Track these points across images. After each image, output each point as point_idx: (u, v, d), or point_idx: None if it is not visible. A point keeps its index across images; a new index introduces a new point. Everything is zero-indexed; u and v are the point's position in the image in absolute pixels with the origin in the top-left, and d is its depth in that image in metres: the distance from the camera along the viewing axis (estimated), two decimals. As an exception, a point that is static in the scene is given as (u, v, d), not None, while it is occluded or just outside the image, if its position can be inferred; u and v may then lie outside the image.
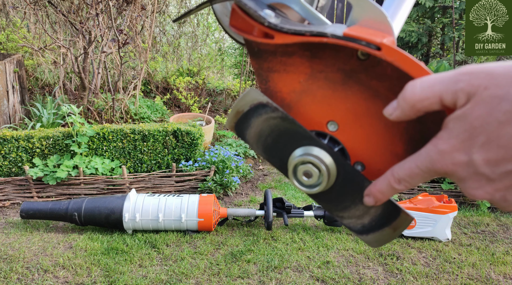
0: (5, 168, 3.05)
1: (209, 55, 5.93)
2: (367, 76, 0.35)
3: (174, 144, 3.26)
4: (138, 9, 4.08)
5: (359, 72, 0.35)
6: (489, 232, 2.85)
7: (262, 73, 0.39)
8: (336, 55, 0.35)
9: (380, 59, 0.33)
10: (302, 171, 0.38)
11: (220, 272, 2.27)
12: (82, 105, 4.04)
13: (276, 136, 0.39)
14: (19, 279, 2.17)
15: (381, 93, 0.35)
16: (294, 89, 0.38)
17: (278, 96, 0.39)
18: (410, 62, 0.32)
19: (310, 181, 0.38)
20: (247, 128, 0.40)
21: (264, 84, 0.39)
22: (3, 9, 5.24)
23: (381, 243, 0.40)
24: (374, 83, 0.35)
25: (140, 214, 2.56)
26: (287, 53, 0.37)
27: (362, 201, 0.38)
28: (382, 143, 0.37)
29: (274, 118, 0.38)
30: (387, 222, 0.38)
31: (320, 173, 0.37)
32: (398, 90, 0.33)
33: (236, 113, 0.40)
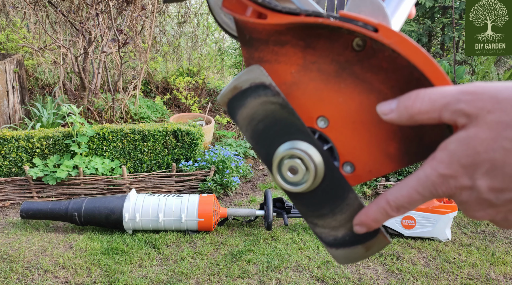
0: (5, 168, 3.05)
1: (209, 55, 5.93)
2: (362, 68, 0.33)
3: (174, 144, 3.26)
4: (138, 9, 4.09)
5: (353, 64, 0.33)
6: (489, 232, 2.85)
7: (252, 63, 0.37)
8: (330, 45, 0.33)
9: (375, 50, 0.32)
10: (288, 166, 0.35)
11: (220, 272, 2.27)
12: (82, 105, 4.04)
13: (269, 123, 0.37)
14: (19, 279, 2.17)
15: (375, 87, 0.33)
16: (285, 80, 0.36)
17: None
18: (409, 45, 0.30)
19: (294, 178, 0.36)
20: (241, 107, 0.37)
21: None
22: (3, 9, 5.24)
23: (349, 260, 0.38)
24: (368, 76, 0.33)
25: (140, 214, 2.56)
26: (280, 43, 0.35)
27: (341, 212, 0.36)
28: (374, 142, 0.35)
29: (272, 103, 0.36)
30: (362, 240, 0.36)
31: (307, 171, 0.35)
32: (393, 84, 0.32)
33: (234, 88, 0.37)
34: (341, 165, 0.37)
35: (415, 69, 0.31)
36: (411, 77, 0.31)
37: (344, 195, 0.36)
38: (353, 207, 0.36)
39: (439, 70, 0.30)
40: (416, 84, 0.31)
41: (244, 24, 0.36)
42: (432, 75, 0.31)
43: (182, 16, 5.91)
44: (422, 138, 0.33)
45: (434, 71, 0.30)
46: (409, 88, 0.32)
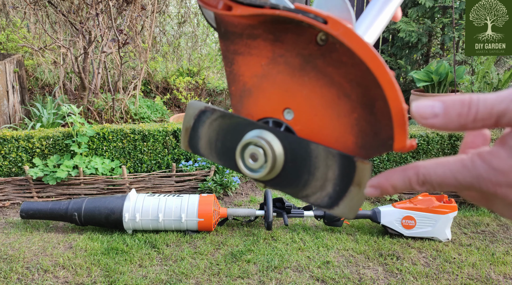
0: (5, 168, 3.05)
1: (209, 55, 5.93)
2: (324, 62, 0.34)
3: (174, 144, 3.26)
4: (138, 9, 4.08)
5: (316, 58, 0.35)
6: (489, 232, 2.85)
7: (228, 55, 0.39)
8: (297, 39, 0.35)
9: (336, 44, 0.33)
10: (248, 154, 0.37)
11: (220, 272, 2.27)
12: (82, 105, 4.04)
13: (222, 137, 0.40)
14: (19, 279, 2.17)
15: (336, 81, 0.34)
16: (256, 73, 0.38)
17: (240, 80, 0.40)
18: (354, 37, 0.31)
19: (257, 164, 0.37)
20: (198, 141, 0.41)
21: (229, 67, 0.40)
22: (3, 9, 5.24)
23: (354, 209, 0.37)
24: (330, 69, 0.34)
25: (140, 214, 2.56)
26: (252, 36, 0.37)
27: (317, 169, 0.36)
28: (334, 135, 0.36)
29: (215, 120, 0.39)
30: (349, 180, 0.36)
31: (264, 152, 0.36)
32: (351, 78, 0.33)
33: (185, 130, 0.41)
34: None
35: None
36: (368, 72, 0.32)
37: (308, 151, 0.36)
38: (322, 155, 0.36)
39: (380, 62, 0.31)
40: (372, 78, 0.32)
41: (220, 17, 0.38)
42: (374, 67, 0.31)
43: (182, 16, 5.91)
44: (378, 133, 0.33)
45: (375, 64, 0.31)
46: (366, 82, 0.33)
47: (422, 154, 3.33)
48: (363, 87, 0.33)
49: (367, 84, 0.33)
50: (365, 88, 0.33)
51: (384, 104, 0.32)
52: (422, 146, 3.27)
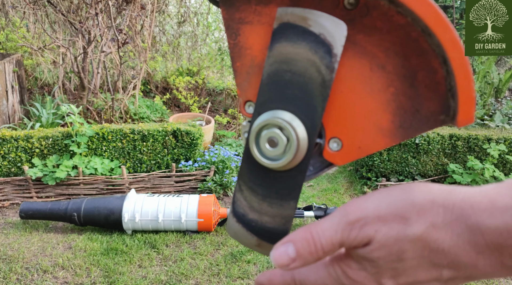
0: (4, 168, 3.04)
1: (209, 54, 5.93)
2: (353, 29, 0.30)
3: (173, 144, 3.25)
4: (137, 9, 4.08)
5: None
6: (489, 232, 2.85)
7: (232, 25, 0.33)
8: (320, 3, 0.31)
9: (369, 7, 0.29)
10: (267, 137, 0.32)
11: (220, 272, 2.27)
12: (82, 105, 4.04)
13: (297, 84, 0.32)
14: (18, 280, 2.17)
15: (367, 50, 0.30)
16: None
17: (248, 54, 0.34)
18: None
19: (273, 152, 0.32)
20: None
21: (233, 39, 0.34)
22: (3, 8, 5.23)
23: (236, 237, 0.36)
24: (360, 37, 0.30)
25: (139, 214, 2.55)
26: (264, 1, 0.32)
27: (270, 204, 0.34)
28: (365, 114, 0.31)
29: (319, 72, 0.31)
30: (262, 237, 0.35)
31: (288, 143, 0.31)
32: (388, 46, 0.29)
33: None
34: (327, 141, 0.33)
35: (412, 27, 0.28)
36: (408, 38, 0.29)
37: (287, 196, 0.33)
38: (282, 211, 0.34)
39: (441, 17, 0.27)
40: (413, 45, 0.29)
41: None
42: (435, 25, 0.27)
43: (182, 15, 5.90)
44: (420, 109, 0.30)
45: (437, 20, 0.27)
46: (405, 50, 0.29)
47: (423, 154, 3.32)
48: (402, 56, 0.29)
49: (406, 53, 0.29)
50: (404, 58, 0.29)
51: (429, 75, 0.28)
52: (423, 146, 3.27)
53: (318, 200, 3.28)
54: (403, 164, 3.38)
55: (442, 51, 0.27)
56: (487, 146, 3.18)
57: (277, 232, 0.34)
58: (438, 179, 3.37)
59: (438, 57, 0.28)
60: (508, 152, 3.23)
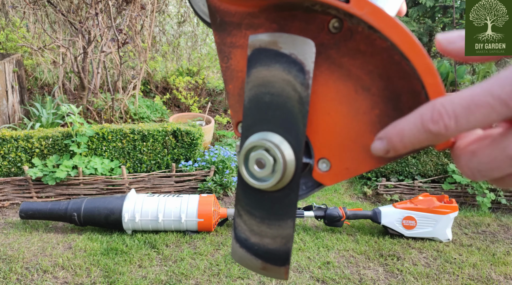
0: (4, 168, 3.04)
1: (209, 54, 5.92)
2: (338, 52, 0.31)
3: (173, 144, 3.25)
4: (137, 9, 4.08)
5: (329, 48, 0.31)
6: (489, 233, 2.84)
7: (224, 49, 0.35)
8: (305, 27, 0.31)
9: (353, 31, 0.30)
10: (255, 158, 0.33)
11: (220, 272, 2.27)
12: (82, 105, 4.03)
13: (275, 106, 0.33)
14: (18, 280, 2.17)
15: (352, 73, 0.31)
16: None
17: (239, 76, 0.35)
18: (383, 16, 0.27)
19: (262, 173, 0.33)
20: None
21: (225, 62, 0.35)
22: (3, 8, 5.23)
23: (241, 262, 0.36)
24: (345, 60, 0.31)
25: (139, 214, 2.55)
26: (253, 26, 0.33)
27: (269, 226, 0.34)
28: (352, 135, 0.32)
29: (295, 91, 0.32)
30: (266, 259, 0.35)
31: (275, 163, 0.32)
32: (371, 69, 0.30)
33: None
34: (316, 162, 0.34)
35: (394, 51, 0.28)
36: (391, 61, 0.29)
37: (284, 216, 0.34)
38: (281, 231, 0.34)
39: (415, 43, 0.28)
40: (395, 68, 0.29)
41: (214, 6, 0.34)
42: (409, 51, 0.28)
43: (182, 15, 5.90)
44: None
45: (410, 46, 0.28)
46: (389, 73, 0.29)
47: (423, 154, 3.32)
48: (385, 79, 0.30)
49: (390, 75, 0.29)
50: (387, 80, 0.30)
51: (413, 98, 0.29)
52: (423, 146, 3.27)
53: (318, 200, 3.28)
54: (403, 164, 3.38)
55: (419, 75, 0.28)
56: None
57: (280, 253, 0.35)
58: (438, 179, 3.37)
59: (419, 80, 0.28)
60: (508, 152, 3.22)
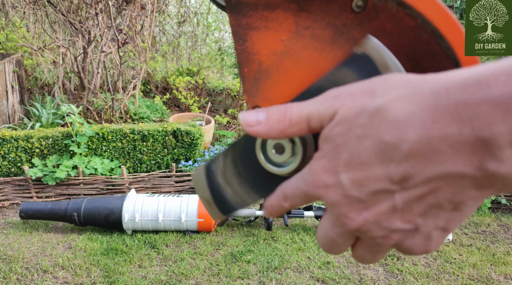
0: (4, 168, 3.04)
1: (209, 54, 5.93)
2: (362, 32, 0.29)
3: (173, 144, 3.25)
4: (137, 9, 4.08)
5: (352, 28, 0.30)
6: (489, 233, 2.84)
7: (239, 31, 0.33)
8: (327, 7, 0.30)
9: (378, 10, 0.29)
10: (271, 147, 0.32)
11: (220, 272, 2.27)
12: (82, 105, 4.03)
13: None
14: (18, 280, 2.17)
15: None
16: (275, 50, 0.33)
17: (255, 59, 0.34)
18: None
19: (284, 156, 0.32)
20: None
21: (240, 45, 0.34)
22: (3, 8, 5.23)
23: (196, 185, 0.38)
24: None
25: (139, 214, 2.55)
26: (270, 6, 0.32)
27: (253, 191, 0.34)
28: None
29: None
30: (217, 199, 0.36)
31: (294, 146, 0.31)
32: (398, 49, 0.29)
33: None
34: None
35: (422, 30, 0.27)
36: (419, 41, 0.28)
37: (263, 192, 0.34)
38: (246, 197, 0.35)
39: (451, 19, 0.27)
40: (424, 48, 0.28)
41: None
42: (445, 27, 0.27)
43: (182, 15, 5.90)
44: None
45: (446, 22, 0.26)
46: (416, 53, 0.28)
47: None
48: (412, 59, 0.28)
49: (418, 56, 0.28)
50: (415, 61, 0.29)
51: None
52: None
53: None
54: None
55: (453, 54, 0.27)
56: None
57: (229, 205, 0.36)
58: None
59: (450, 59, 0.28)
60: (508, 152, 3.22)
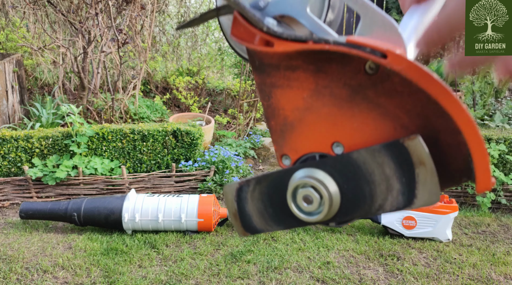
0: (4, 168, 3.04)
1: (209, 54, 5.93)
2: (376, 92, 0.32)
3: (173, 144, 3.25)
4: (137, 9, 4.08)
5: (366, 88, 0.32)
6: (489, 233, 2.84)
7: (264, 88, 0.37)
8: (342, 69, 0.33)
9: (389, 73, 0.31)
10: (301, 197, 0.35)
11: (220, 272, 2.27)
12: (82, 105, 4.03)
13: (270, 201, 0.37)
14: (18, 280, 2.17)
15: (390, 112, 0.32)
16: (298, 106, 0.35)
17: (281, 114, 0.37)
18: (420, 72, 0.29)
19: (313, 206, 0.34)
20: (251, 220, 0.38)
21: (266, 101, 0.37)
22: (3, 8, 5.23)
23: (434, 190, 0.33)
24: (383, 100, 0.32)
25: (139, 214, 2.55)
26: (291, 67, 0.35)
27: (373, 174, 0.33)
28: None
29: (254, 190, 0.37)
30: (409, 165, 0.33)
31: (322, 200, 0.34)
32: (409, 108, 0.31)
33: (234, 216, 0.39)
34: None
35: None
36: (429, 101, 0.30)
37: (354, 163, 0.34)
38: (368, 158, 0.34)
39: (454, 98, 0.29)
40: (433, 107, 0.30)
41: (253, 49, 0.35)
42: (447, 103, 0.29)
43: (182, 15, 5.91)
44: (445, 166, 0.31)
45: (449, 100, 0.29)
46: (426, 112, 0.30)
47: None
48: (423, 117, 0.30)
49: (428, 114, 0.30)
50: (426, 119, 0.30)
51: (452, 137, 0.29)
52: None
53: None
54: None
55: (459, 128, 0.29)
56: (487, 146, 3.18)
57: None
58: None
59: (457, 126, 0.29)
60: (508, 152, 3.23)
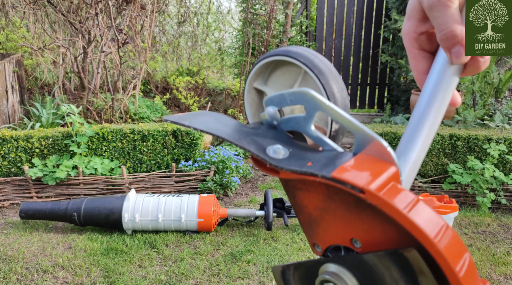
0: (4, 168, 3.04)
1: (209, 54, 5.93)
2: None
3: (173, 144, 3.25)
4: (137, 9, 4.08)
5: (366, 199, 0.36)
6: (489, 233, 2.84)
7: (289, 190, 0.42)
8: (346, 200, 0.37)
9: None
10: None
11: (220, 272, 2.27)
12: (82, 105, 4.03)
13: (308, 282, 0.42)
14: (18, 280, 2.17)
15: (392, 220, 0.34)
16: (317, 206, 0.40)
17: (305, 211, 0.41)
18: (393, 209, 0.32)
19: None
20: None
21: (293, 199, 0.42)
22: (3, 8, 5.23)
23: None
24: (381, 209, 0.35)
25: (139, 214, 2.55)
26: (306, 183, 0.40)
27: (383, 275, 0.37)
28: None
29: (294, 274, 0.43)
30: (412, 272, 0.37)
31: None
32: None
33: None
34: None
35: None
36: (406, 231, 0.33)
37: (366, 263, 0.38)
38: (376, 261, 0.38)
39: (425, 234, 0.32)
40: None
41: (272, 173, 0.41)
42: (420, 239, 0.32)
43: (182, 15, 5.90)
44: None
45: (419, 234, 0.32)
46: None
47: (422, 154, 3.32)
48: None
49: None
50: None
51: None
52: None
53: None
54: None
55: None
56: (487, 146, 3.18)
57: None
58: (438, 179, 3.37)
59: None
60: (508, 152, 3.23)
